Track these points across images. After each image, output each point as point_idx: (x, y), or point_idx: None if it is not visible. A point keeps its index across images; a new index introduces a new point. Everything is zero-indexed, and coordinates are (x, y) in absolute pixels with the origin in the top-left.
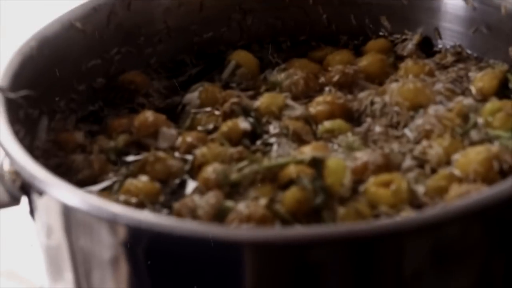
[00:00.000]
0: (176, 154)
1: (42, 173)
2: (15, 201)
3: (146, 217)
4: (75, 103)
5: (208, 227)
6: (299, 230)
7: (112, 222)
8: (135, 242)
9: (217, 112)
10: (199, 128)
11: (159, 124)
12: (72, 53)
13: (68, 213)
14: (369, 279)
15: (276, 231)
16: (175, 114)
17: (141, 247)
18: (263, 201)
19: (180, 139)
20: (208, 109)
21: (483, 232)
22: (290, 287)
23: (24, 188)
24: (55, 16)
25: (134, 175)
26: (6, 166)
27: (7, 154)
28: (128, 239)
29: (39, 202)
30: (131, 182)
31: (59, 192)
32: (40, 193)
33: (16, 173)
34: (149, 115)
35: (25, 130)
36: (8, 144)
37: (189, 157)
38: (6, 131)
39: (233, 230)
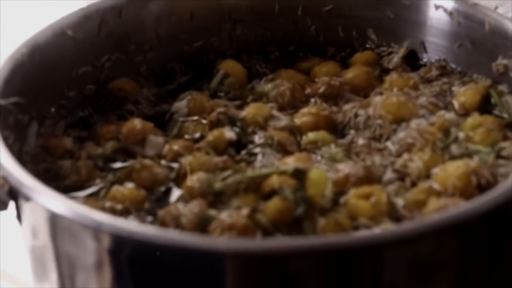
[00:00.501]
0: (163, 162)
1: (29, 180)
2: (2, 205)
3: (129, 225)
4: (65, 109)
5: (189, 237)
6: (279, 242)
7: (96, 230)
8: (118, 250)
9: (204, 121)
10: (186, 136)
11: (147, 132)
12: (63, 60)
13: (53, 219)
14: None
15: (256, 242)
16: (163, 122)
17: (125, 255)
18: (245, 211)
19: (167, 147)
20: (196, 117)
21: (460, 246)
22: None
23: (12, 193)
24: (47, 23)
25: (120, 182)
26: None
27: None
28: (112, 247)
29: (26, 207)
30: (117, 189)
31: (45, 199)
32: (27, 199)
33: (4, 178)
34: (137, 122)
35: (14, 136)
36: None
37: (175, 165)
38: None
39: (214, 241)
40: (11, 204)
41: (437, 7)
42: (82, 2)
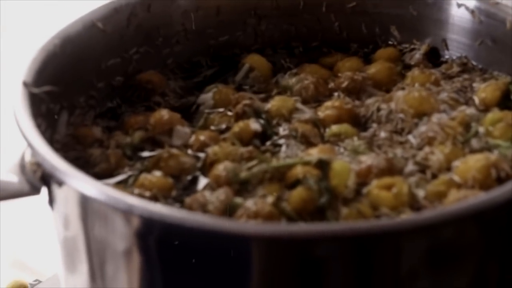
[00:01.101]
0: (189, 151)
1: (63, 165)
2: (35, 190)
3: (159, 209)
4: (94, 100)
5: (217, 220)
6: (303, 226)
7: (127, 212)
8: (148, 232)
9: (229, 113)
10: (212, 127)
11: (174, 123)
12: (93, 51)
13: (85, 203)
14: (369, 274)
15: (282, 227)
16: (190, 114)
17: (153, 237)
18: (270, 199)
19: (193, 138)
20: (221, 109)
21: (478, 235)
22: (294, 280)
23: (44, 179)
24: (78, 15)
25: (148, 170)
26: (28, 158)
27: (30, 146)
28: (141, 229)
29: (58, 192)
30: (145, 177)
31: (78, 183)
32: (60, 183)
33: (37, 164)
34: (164, 113)
35: (46, 124)
36: (31, 137)
37: (202, 155)
38: (29, 124)
39: (241, 224)
40: (43, 190)
41: (459, 5)
42: (82, 2)
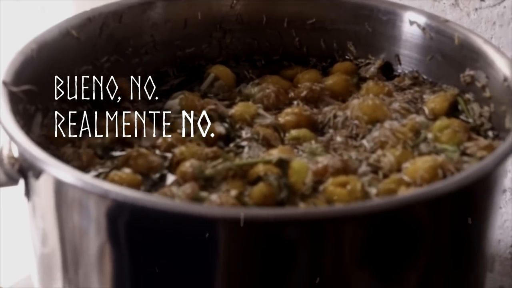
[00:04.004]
0: (157, 152)
1: (42, 154)
2: (13, 181)
3: (133, 193)
4: (66, 103)
5: (186, 203)
6: (263, 210)
7: (103, 196)
8: (120, 215)
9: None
10: (178, 131)
11: (143, 125)
12: (67, 58)
13: (61, 191)
14: (325, 256)
15: (245, 209)
16: (157, 119)
17: (126, 221)
18: (233, 193)
19: (160, 139)
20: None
21: (425, 223)
22: (257, 259)
23: (22, 171)
24: (54, 23)
25: (118, 168)
26: (5, 152)
27: (11, 137)
28: (115, 213)
29: (35, 183)
30: (115, 173)
31: (57, 170)
32: (38, 173)
33: (15, 158)
34: (134, 116)
35: (22, 122)
36: (12, 129)
37: (169, 155)
38: (10, 117)
39: (208, 207)
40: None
41: (411, 22)
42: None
